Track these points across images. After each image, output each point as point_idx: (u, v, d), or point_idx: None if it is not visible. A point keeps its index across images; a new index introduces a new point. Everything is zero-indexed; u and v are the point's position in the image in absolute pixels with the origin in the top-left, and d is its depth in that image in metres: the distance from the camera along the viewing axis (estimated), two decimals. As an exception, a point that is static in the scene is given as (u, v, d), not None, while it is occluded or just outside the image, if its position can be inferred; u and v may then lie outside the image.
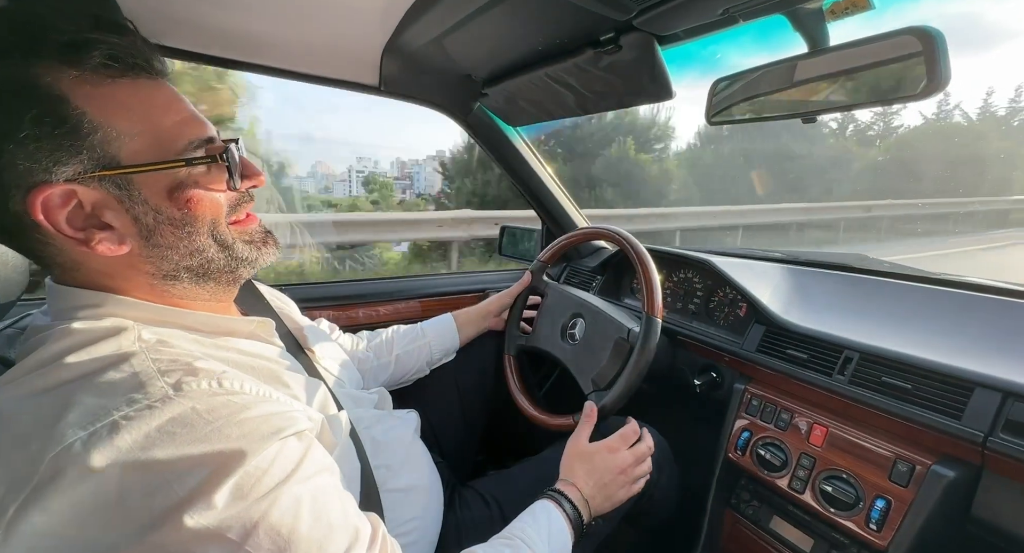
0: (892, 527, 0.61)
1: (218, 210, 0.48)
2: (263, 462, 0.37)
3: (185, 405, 0.36)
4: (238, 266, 0.51)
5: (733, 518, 0.80)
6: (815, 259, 1.07)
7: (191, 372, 0.39)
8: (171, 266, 0.47)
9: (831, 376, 0.72)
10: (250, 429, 0.38)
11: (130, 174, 0.42)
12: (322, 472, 0.42)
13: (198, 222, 0.47)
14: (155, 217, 0.44)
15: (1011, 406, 0.57)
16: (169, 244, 0.46)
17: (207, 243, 0.48)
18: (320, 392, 0.55)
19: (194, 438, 0.35)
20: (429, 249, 5.77)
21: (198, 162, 0.45)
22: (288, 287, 1.11)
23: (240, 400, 0.39)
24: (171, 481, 0.33)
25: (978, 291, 0.79)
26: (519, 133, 1.19)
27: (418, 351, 0.92)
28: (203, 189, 0.46)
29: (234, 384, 0.41)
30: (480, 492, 0.75)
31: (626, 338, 0.82)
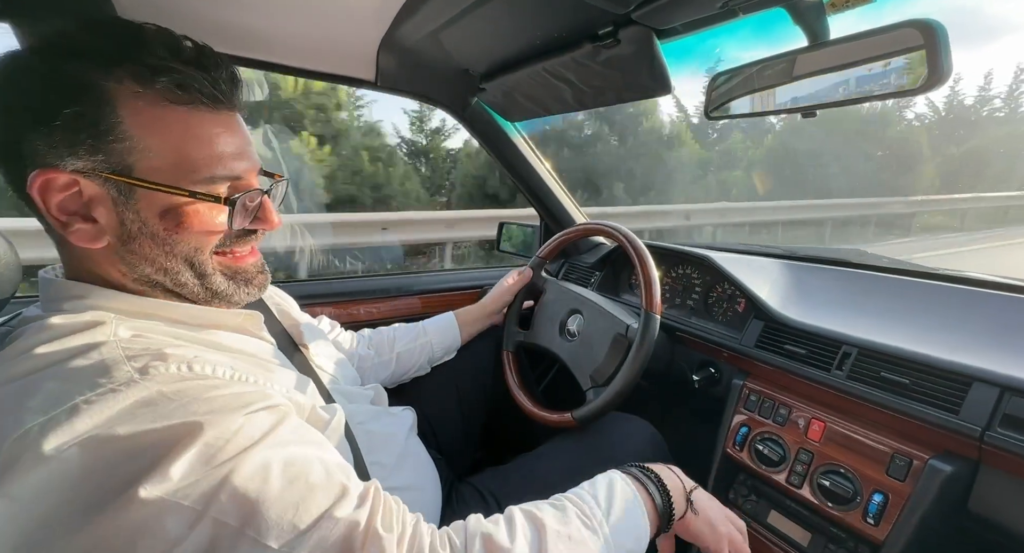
0: (889, 521, 0.61)
1: (204, 242, 0.48)
2: (225, 432, 0.36)
3: (151, 388, 0.36)
4: (211, 297, 0.51)
5: (731, 513, 0.80)
6: (813, 254, 1.07)
7: (160, 357, 0.39)
8: (141, 274, 0.47)
9: (829, 371, 0.72)
10: (218, 405, 0.37)
11: (135, 186, 0.43)
12: (304, 443, 0.41)
13: (177, 246, 0.46)
14: (140, 227, 0.45)
15: (1008, 401, 0.57)
16: (144, 254, 0.46)
17: (180, 268, 0.47)
18: (309, 387, 0.55)
19: (157, 416, 0.35)
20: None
21: (201, 197, 0.45)
22: (288, 284, 1.11)
23: (210, 383, 0.39)
24: (131, 456, 0.33)
25: (977, 286, 0.79)
26: (517, 128, 1.19)
27: (420, 349, 0.92)
28: (198, 220, 0.46)
29: (205, 368, 0.40)
30: (478, 488, 0.75)
31: (624, 334, 0.82)
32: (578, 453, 0.81)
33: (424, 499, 0.65)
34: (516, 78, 0.91)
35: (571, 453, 0.81)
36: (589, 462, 0.79)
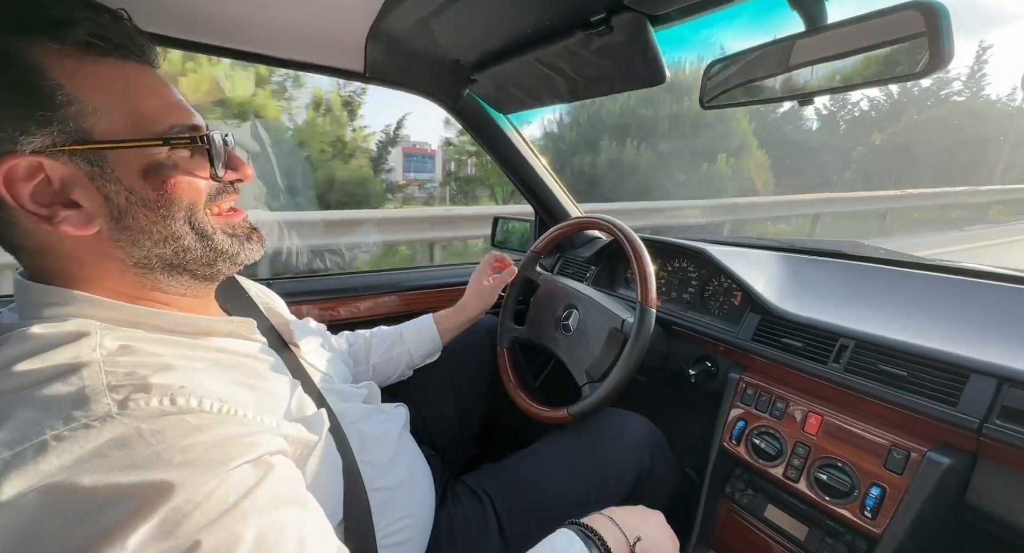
0: (887, 515, 0.61)
1: (196, 195, 0.46)
2: (197, 495, 0.33)
3: (129, 425, 0.33)
4: (216, 259, 0.49)
5: (728, 507, 0.80)
6: (810, 246, 1.06)
7: (143, 388, 0.36)
8: (143, 253, 0.44)
9: (826, 364, 0.71)
10: (195, 456, 0.34)
11: (103, 150, 0.40)
12: (282, 506, 0.37)
13: (174, 206, 0.44)
14: (127, 197, 0.42)
15: (1007, 392, 0.56)
16: (141, 227, 0.43)
17: (183, 230, 0.46)
18: (299, 390, 0.53)
19: (128, 463, 0.32)
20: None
21: (176, 143, 0.44)
22: (269, 281, 1.09)
23: (194, 420, 0.36)
24: (91, 513, 0.30)
25: (975, 277, 0.79)
26: (510, 121, 1.17)
27: (397, 358, 0.89)
28: (182, 173, 0.45)
29: (191, 401, 0.37)
30: (472, 487, 0.74)
31: (620, 329, 0.81)
32: (573, 450, 0.80)
33: (417, 498, 0.64)
34: (508, 68, 0.89)
35: (566, 450, 0.80)
36: (584, 459, 0.78)
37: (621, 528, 0.54)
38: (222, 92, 5.94)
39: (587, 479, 0.75)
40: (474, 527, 0.68)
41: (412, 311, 1.27)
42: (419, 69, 0.97)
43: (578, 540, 0.50)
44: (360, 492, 0.54)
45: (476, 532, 0.68)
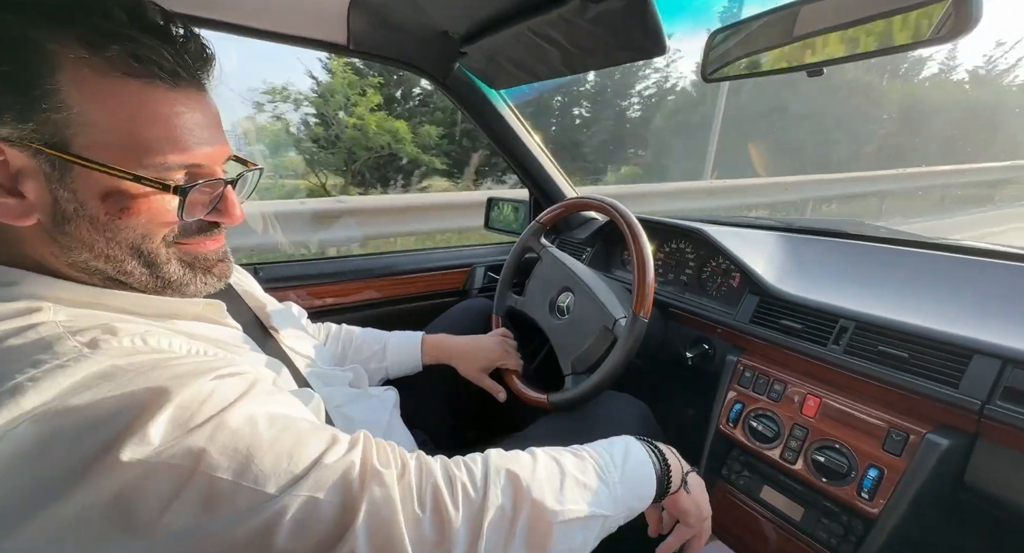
0: (884, 495, 0.61)
1: (152, 230, 0.42)
2: (199, 394, 0.34)
3: (103, 362, 0.33)
4: (163, 287, 0.45)
5: (724, 489, 0.80)
6: (810, 226, 1.04)
7: (109, 330, 0.35)
8: (80, 259, 0.41)
9: (826, 346, 0.70)
10: (182, 371, 0.35)
11: (70, 162, 0.38)
12: (280, 404, 0.39)
13: (120, 233, 0.41)
14: (75, 209, 0.39)
15: (1010, 373, 0.55)
16: (81, 239, 0.40)
17: (124, 255, 0.42)
18: (282, 371, 0.51)
19: (116, 386, 0.32)
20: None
21: (147, 183, 0.40)
22: (256, 266, 1.06)
23: (168, 355, 0.37)
24: (97, 425, 0.31)
25: (979, 256, 0.77)
26: (503, 97, 1.12)
27: (374, 373, 0.86)
28: (144, 206, 0.41)
29: (161, 342, 0.37)
30: None
31: (611, 329, 0.80)
32: (567, 433, 0.79)
33: None
34: (499, 40, 0.85)
35: (560, 433, 0.79)
36: (577, 440, 0.77)
37: (678, 458, 0.58)
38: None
39: None
40: None
41: (403, 295, 1.25)
42: (405, 41, 0.92)
43: (638, 445, 0.55)
44: None
45: None
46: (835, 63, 0.52)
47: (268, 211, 3.07)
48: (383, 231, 3.49)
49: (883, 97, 12.83)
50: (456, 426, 0.94)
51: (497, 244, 1.50)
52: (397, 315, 1.24)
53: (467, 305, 1.11)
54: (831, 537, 0.67)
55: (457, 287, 1.34)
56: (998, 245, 0.79)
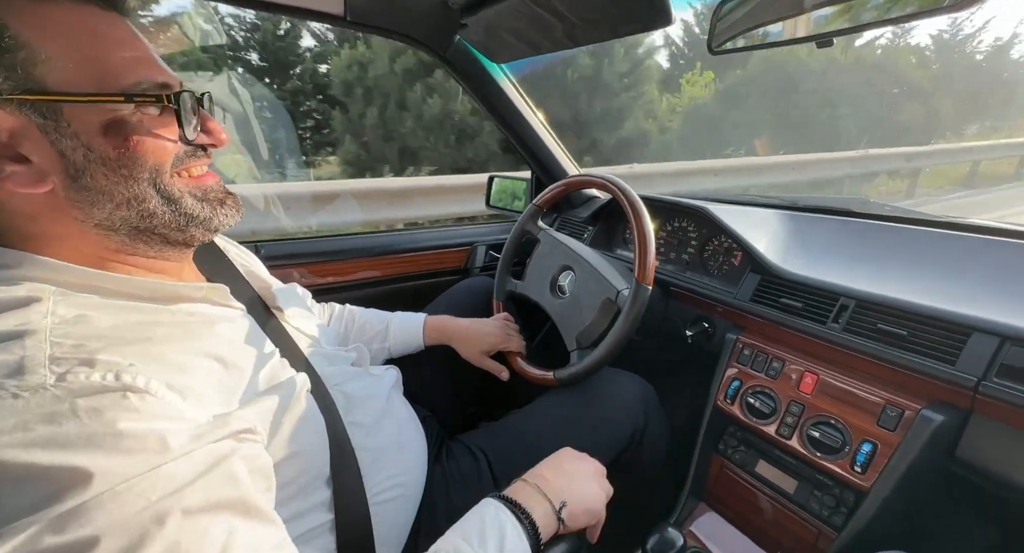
0: (876, 469, 0.62)
1: (162, 157, 0.43)
2: (117, 487, 0.30)
3: (62, 399, 0.31)
4: (188, 224, 0.46)
5: (720, 463, 0.82)
6: (815, 204, 1.03)
7: (87, 363, 0.33)
8: (104, 215, 0.42)
9: (825, 324, 0.70)
10: (129, 444, 0.31)
11: (58, 102, 0.37)
12: (213, 510, 0.33)
13: (136, 166, 0.41)
14: (85, 154, 0.39)
15: (1007, 350, 0.55)
16: (101, 188, 0.40)
17: (147, 192, 0.42)
18: (277, 356, 0.52)
19: (51, 441, 0.29)
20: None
21: (141, 100, 0.40)
22: (257, 244, 1.06)
23: (136, 401, 0.33)
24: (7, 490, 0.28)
25: (982, 233, 0.76)
26: (504, 71, 1.09)
27: (376, 353, 0.87)
28: (146, 133, 0.41)
29: (137, 380, 0.34)
30: (468, 445, 0.75)
31: (614, 300, 0.80)
32: (569, 410, 0.80)
33: (408, 457, 0.65)
34: (501, 11, 0.82)
35: (562, 409, 0.81)
36: (580, 417, 0.79)
37: (547, 496, 0.52)
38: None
39: (582, 437, 0.76)
40: (469, 482, 0.69)
41: (404, 274, 1.25)
42: (404, 12, 0.89)
43: (508, 515, 0.48)
44: (348, 452, 0.54)
45: (471, 487, 0.69)
46: (845, 33, 0.50)
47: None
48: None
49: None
50: (458, 402, 0.96)
51: (499, 222, 1.49)
52: (398, 293, 1.24)
53: (468, 284, 1.11)
54: (823, 508, 0.68)
55: (459, 265, 1.34)
56: (1003, 223, 0.78)
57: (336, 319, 0.88)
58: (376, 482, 0.58)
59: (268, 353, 0.51)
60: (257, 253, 1.05)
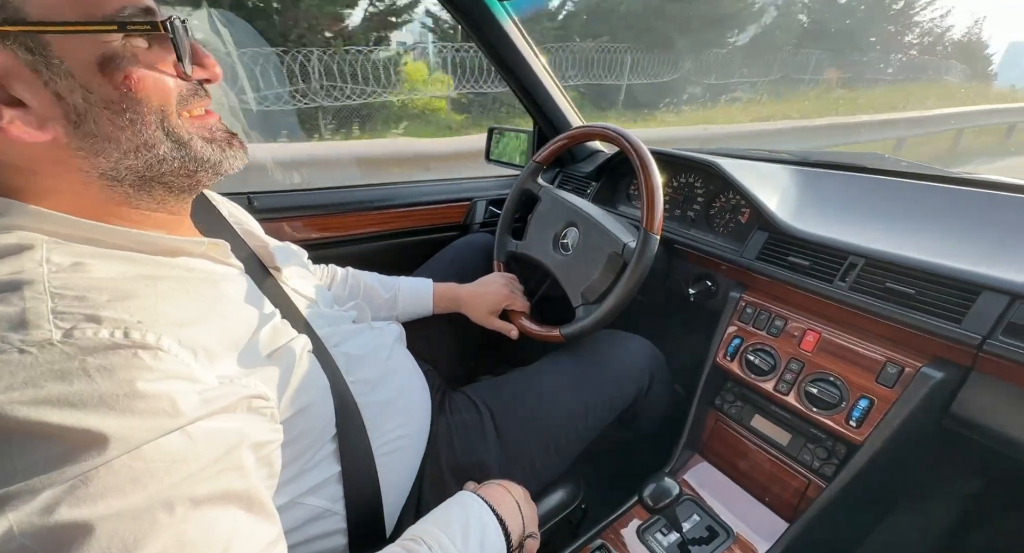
0: (871, 424, 0.63)
1: (166, 95, 0.39)
2: (131, 455, 0.29)
3: (72, 356, 0.29)
4: (197, 169, 0.43)
5: (716, 417, 0.83)
6: (826, 160, 0.99)
7: (93, 319, 0.31)
8: (111, 164, 0.39)
9: (832, 283, 0.69)
10: (144, 406, 0.30)
11: (44, 33, 0.33)
12: (221, 501, 0.32)
13: (142, 107, 0.38)
14: (84, 96, 0.36)
15: (1017, 309, 0.55)
16: (107, 135, 0.37)
17: (156, 137, 0.39)
18: (277, 317, 0.50)
19: (64, 400, 0.28)
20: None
21: (134, 28, 0.36)
22: (250, 196, 1.02)
23: (149, 359, 0.32)
24: (9, 451, 0.27)
25: (1001, 190, 0.74)
26: (507, 10, 1.01)
27: (384, 319, 0.85)
28: (144, 67, 0.38)
29: (147, 337, 0.33)
30: (471, 397, 0.76)
31: (620, 253, 0.78)
32: (575, 367, 0.81)
33: (411, 410, 0.66)
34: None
35: (568, 367, 0.81)
36: (586, 376, 0.80)
37: (518, 501, 0.56)
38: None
39: (587, 395, 0.77)
40: (472, 434, 0.71)
41: (401, 229, 1.22)
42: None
43: (491, 515, 0.51)
44: (352, 409, 0.54)
45: (475, 438, 0.70)
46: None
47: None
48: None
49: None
50: (459, 356, 0.97)
51: (499, 177, 1.44)
52: (396, 249, 1.22)
53: (468, 240, 1.09)
54: (814, 460, 0.70)
55: (458, 221, 1.31)
56: (1017, 179, 0.76)
57: (340, 283, 0.86)
58: (381, 433, 0.59)
59: (269, 314, 0.50)
60: (250, 205, 1.01)
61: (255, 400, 0.40)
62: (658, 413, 0.87)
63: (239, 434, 0.36)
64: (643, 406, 0.82)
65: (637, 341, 0.87)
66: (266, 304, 0.51)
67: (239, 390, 0.38)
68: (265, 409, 0.41)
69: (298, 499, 0.49)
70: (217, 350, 0.39)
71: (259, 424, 0.40)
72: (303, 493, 0.49)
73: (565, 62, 7.73)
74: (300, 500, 0.49)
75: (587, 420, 0.76)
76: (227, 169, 0.46)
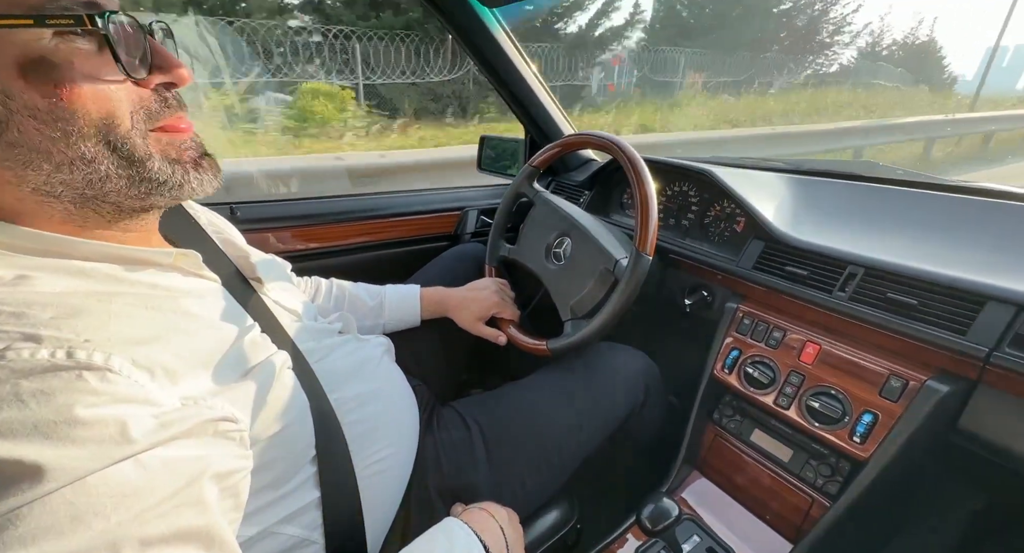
0: (876, 440, 0.61)
1: (110, 106, 0.35)
2: (68, 489, 0.25)
3: (2, 380, 0.26)
4: (150, 191, 0.39)
5: (715, 432, 0.81)
6: (822, 168, 0.98)
7: (31, 338, 0.28)
8: (42, 178, 0.34)
9: (831, 293, 0.67)
10: (87, 434, 0.27)
11: None
12: (175, 541, 0.29)
13: (77, 119, 0.34)
14: (3, 102, 0.32)
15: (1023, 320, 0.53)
16: (35, 145, 0.33)
17: (97, 151, 0.35)
18: (255, 332, 0.47)
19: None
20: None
21: (56, 23, 0.31)
22: (232, 206, 1.00)
23: (95, 381, 0.29)
24: None
25: (996, 197, 0.73)
26: (497, 17, 1.00)
27: (370, 330, 0.82)
28: (80, 73, 0.33)
29: (93, 357, 0.29)
30: (460, 413, 0.73)
31: (612, 270, 0.76)
32: (568, 382, 0.78)
33: (398, 429, 0.63)
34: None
35: (561, 382, 0.78)
36: (579, 391, 0.77)
37: (502, 525, 0.53)
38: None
39: (580, 412, 0.74)
40: (461, 453, 0.68)
41: (391, 239, 1.19)
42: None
43: (478, 544, 0.48)
44: (334, 429, 0.51)
45: (463, 458, 0.67)
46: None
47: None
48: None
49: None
50: (449, 370, 0.93)
51: (491, 187, 1.42)
52: (385, 260, 1.19)
53: (459, 250, 1.06)
54: (818, 477, 0.68)
55: (448, 231, 1.29)
56: (1016, 187, 0.75)
57: (325, 295, 0.83)
58: (366, 455, 0.55)
59: (247, 329, 0.46)
60: (232, 216, 0.98)
61: (222, 423, 0.37)
62: (654, 428, 0.84)
63: (201, 463, 0.33)
64: (638, 421, 0.79)
65: (632, 353, 0.84)
66: (245, 319, 0.48)
67: (204, 412, 0.35)
68: (233, 433, 0.38)
69: (272, 528, 0.46)
70: (180, 369, 0.36)
71: (226, 450, 0.37)
72: (278, 522, 0.46)
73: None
74: (275, 529, 0.46)
75: (581, 436, 0.73)
76: (188, 194, 0.41)
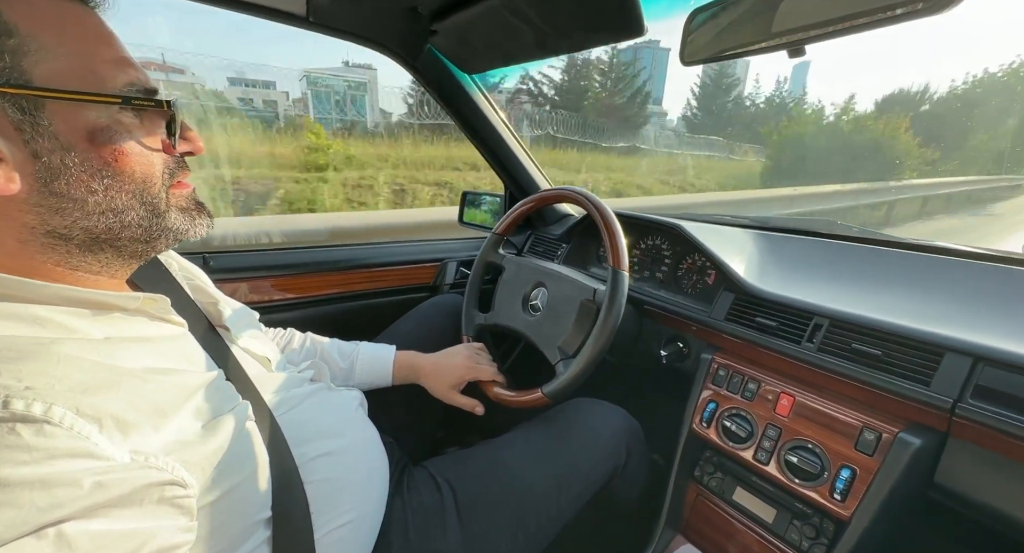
0: (856, 497, 0.59)
1: (149, 169, 0.40)
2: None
3: None
4: (159, 236, 0.43)
5: (697, 491, 0.77)
6: (786, 225, 1.03)
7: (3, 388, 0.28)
8: (65, 223, 0.37)
9: (800, 343, 0.68)
10: (10, 497, 0.25)
11: (43, 98, 0.33)
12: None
13: (124, 178, 0.38)
14: (63, 158, 0.35)
15: (981, 371, 0.54)
16: (75, 196, 0.36)
17: (130, 204, 0.39)
18: (219, 381, 0.45)
19: None
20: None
21: (139, 105, 0.38)
22: (205, 255, 0.98)
23: (29, 435, 0.27)
24: None
25: (950, 256, 0.77)
26: (475, 82, 1.07)
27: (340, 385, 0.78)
28: (134, 141, 0.38)
29: (33, 407, 0.28)
30: (432, 474, 0.68)
31: (592, 299, 0.76)
32: (548, 440, 0.75)
33: (365, 489, 0.58)
34: (472, 18, 0.80)
35: (540, 440, 0.75)
36: (559, 450, 0.73)
37: None
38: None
39: (560, 472, 0.71)
40: (431, 518, 0.63)
41: (368, 291, 1.18)
42: (370, 15, 0.86)
43: None
44: (295, 488, 0.47)
45: (432, 525, 0.62)
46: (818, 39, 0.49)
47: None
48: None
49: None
50: (426, 427, 0.89)
51: (470, 239, 1.45)
52: (362, 310, 1.17)
53: (437, 302, 1.05)
54: (803, 539, 0.65)
55: (427, 282, 1.28)
56: (970, 246, 0.79)
57: (296, 350, 0.79)
58: (329, 518, 0.51)
59: (210, 376, 0.44)
60: (205, 265, 0.97)
61: (169, 488, 0.34)
62: (636, 491, 0.80)
63: (136, 540, 0.30)
64: (620, 484, 0.76)
65: (612, 410, 0.82)
66: (209, 365, 0.46)
67: (151, 474, 0.32)
68: (181, 499, 0.35)
69: None
70: (132, 419, 0.34)
71: (169, 521, 0.34)
72: None
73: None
74: None
75: (560, 500, 0.69)
76: (191, 236, 0.46)
